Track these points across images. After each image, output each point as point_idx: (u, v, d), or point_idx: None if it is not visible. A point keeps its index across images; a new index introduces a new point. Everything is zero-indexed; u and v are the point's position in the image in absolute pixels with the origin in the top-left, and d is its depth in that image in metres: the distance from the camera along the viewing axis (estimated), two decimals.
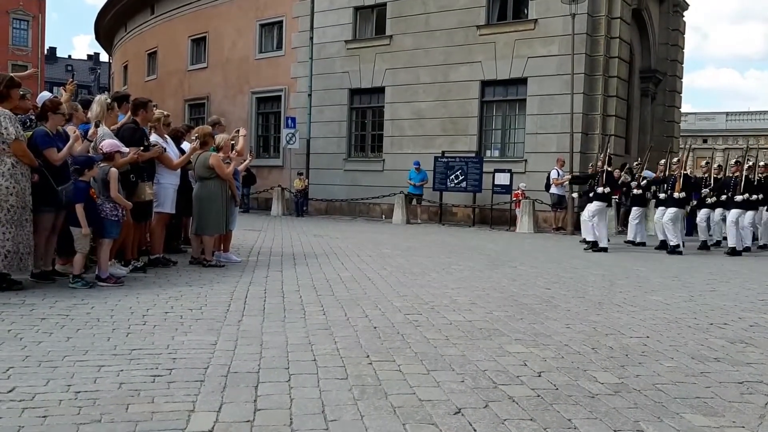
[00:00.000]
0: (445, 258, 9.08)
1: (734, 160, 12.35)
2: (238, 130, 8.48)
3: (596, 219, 10.97)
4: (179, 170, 7.42)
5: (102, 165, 5.80)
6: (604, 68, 16.45)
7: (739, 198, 11.25)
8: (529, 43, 16.92)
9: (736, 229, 11.22)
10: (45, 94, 6.62)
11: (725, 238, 11.90)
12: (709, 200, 11.99)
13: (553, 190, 15.44)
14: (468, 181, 16.78)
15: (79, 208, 5.47)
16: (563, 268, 8.31)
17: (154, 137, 7.18)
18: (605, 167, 11.16)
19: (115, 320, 4.35)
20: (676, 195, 10.98)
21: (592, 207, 11.09)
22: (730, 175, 11.80)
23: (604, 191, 11.01)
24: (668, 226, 10.97)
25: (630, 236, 12.51)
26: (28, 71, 6.55)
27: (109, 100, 6.29)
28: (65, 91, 7.06)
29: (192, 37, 25.12)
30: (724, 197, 11.69)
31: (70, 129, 5.93)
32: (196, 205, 7.43)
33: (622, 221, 15.41)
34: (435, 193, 17.48)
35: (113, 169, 5.79)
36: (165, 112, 7.70)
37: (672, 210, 10.97)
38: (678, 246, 10.85)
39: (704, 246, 12.04)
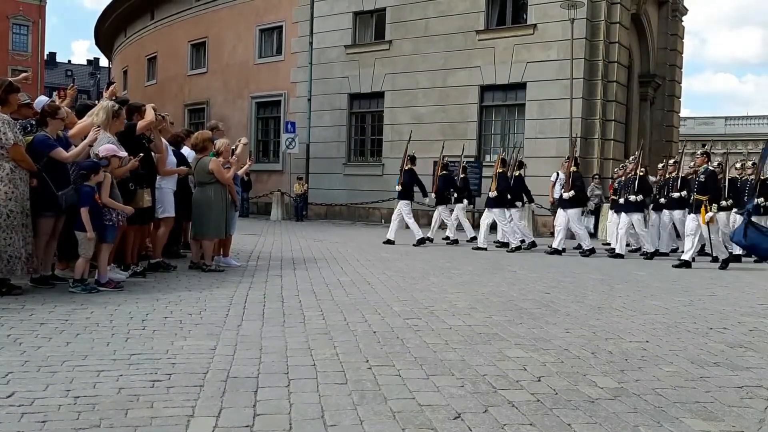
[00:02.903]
0: (445, 262, 9.08)
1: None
2: (240, 140, 8.51)
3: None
4: (176, 175, 7.43)
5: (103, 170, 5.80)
6: (603, 73, 16.49)
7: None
8: (528, 48, 16.97)
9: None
10: (42, 99, 6.61)
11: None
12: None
13: (557, 194, 15.42)
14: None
15: (84, 213, 5.48)
16: (562, 273, 8.31)
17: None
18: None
19: (114, 325, 4.34)
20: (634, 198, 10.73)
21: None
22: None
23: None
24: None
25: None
26: (21, 75, 6.54)
27: (116, 107, 6.29)
28: (59, 96, 7.05)
29: (192, 42, 25.18)
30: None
31: (93, 132, 5.90)
32: (196, 210, 7.44)
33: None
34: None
35: (107, 174, 5.79)
36: (165, 114, 7.70)
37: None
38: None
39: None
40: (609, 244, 12.22)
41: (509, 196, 11.71)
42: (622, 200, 10.92)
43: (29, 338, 3.90)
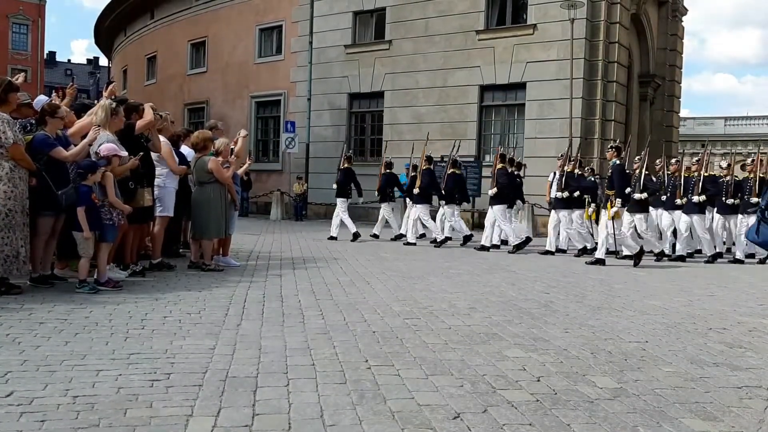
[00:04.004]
0: (444, 262, 9.08)
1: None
2: (240, 132, 8.48)
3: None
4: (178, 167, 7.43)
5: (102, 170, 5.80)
6: (602, 73, 16.49)
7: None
8: (528, 48, 16.96)
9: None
10: (42, 98, 6.61)
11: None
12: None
13: (554, 193, 15.41)
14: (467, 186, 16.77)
15: (81, 212, 5.47)
16: (562, 273, 8.31)
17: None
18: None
19: (113, 324, 4.34)
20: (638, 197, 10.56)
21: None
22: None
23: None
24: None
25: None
26: (16, 77, 6.53)
27: (114, 105, 6.29)
28: (59, 95, 7.04)
29: (191, 41, 25.17)
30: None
31: (93, 131, 5.90)
32: (196, 210, 7.44)
33: None
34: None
35: (109, 173, 5.79)
36: (166, 113, 7.69)
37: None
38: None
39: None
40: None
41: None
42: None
43: (28, 337, 3.90)
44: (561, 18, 15.76)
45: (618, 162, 9.82)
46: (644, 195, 10.34)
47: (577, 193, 10.94)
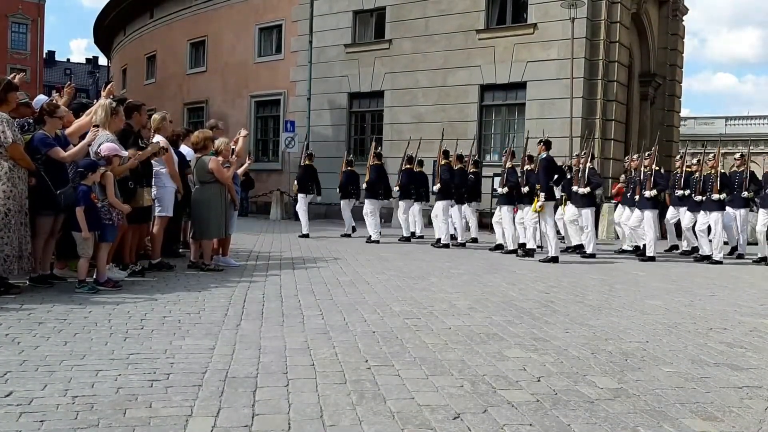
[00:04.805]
0: (444, 262, 9.07)
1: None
2: (240, 132, 8.48)
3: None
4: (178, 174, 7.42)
5: (102, 169, 5.79)
6: (603, 72, 16.48)
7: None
8: (529, 48, 16.95)
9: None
10: (41, 98, 6.60)
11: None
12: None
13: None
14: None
15: (80, 212, 5.47)
16: (562, 272, 8.30)
17: (157, 138, 7.19)
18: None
19: (112, 324, 4.34)
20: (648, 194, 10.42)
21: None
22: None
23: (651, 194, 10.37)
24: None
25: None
26: (17, 76, 6.52)
27: (114, 104, 6.28)
28: (60, 95, 7.04)
29: (191, 40, 25.15)
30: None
31: (92, 131, 5.89)
32: (196, 210, 7.43)
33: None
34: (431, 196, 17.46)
35: (109, 173, 5.78)
36: (165, 113, 7.68)
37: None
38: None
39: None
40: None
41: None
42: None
43: (27, 337, 3.90)
44: (561, 17, 15.75)
45: (546, 156, 9.88)
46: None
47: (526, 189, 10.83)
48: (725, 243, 11.15)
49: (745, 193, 10.53)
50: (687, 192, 10.81)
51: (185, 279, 6.62)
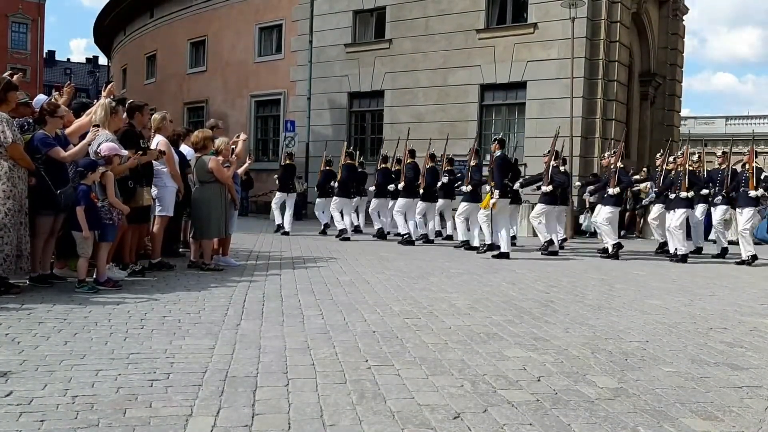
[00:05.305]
0: (444, 262, 9.07)
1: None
2: (239, 135, 8.49)
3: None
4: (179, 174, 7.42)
5: (101, 169, 5.79)
6: (603, 72, 16.47)
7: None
8: (529, 47, 16.94)
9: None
10: (41, 98, 6.60)
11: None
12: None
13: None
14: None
15: (80, 211, 5.47)
16: (562, 272, 8.30)
17: (158, 137, 7.19)
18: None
19: (112, 324, 4.34)
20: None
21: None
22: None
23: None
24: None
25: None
26: (14, 76, 6.52)
27: (113, 104, 6.28)
28: (60, 94, 7.04)
29: (191, 40, 25.15)
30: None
31: (92, 131, 5.89)
32: (196, 210, 7.43)
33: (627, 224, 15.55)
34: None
35: (109, 173, 5.78)
36: (165, 112, 7.68)
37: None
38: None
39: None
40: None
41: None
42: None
43: (27, 337, 3.90)
44: (561, 17, 15.74)
45: (499, 154, 9.97)
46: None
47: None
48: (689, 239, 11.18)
49: (683, 194, 10.27)
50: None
51: (185, 279, 6.62)
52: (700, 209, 11.11)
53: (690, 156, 11.02)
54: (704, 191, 10.87)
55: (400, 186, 11.87)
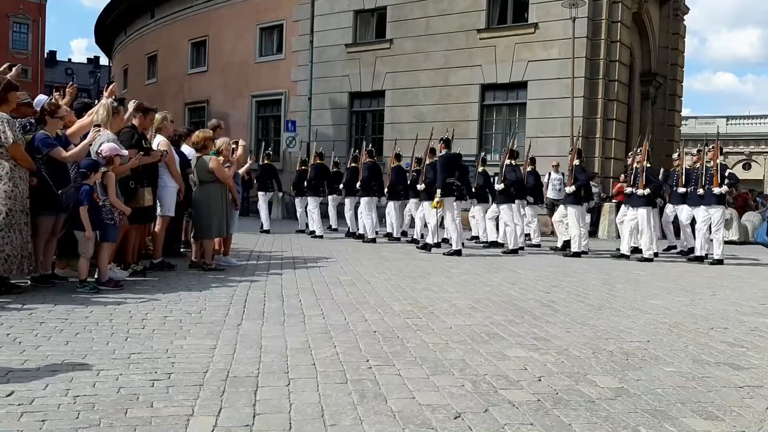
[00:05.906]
0: (445, 262, 9.07)
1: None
2: (237, 141, 8.48)
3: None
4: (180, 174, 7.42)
5: (102, 169, 5.79)
6: (604, 72, 16.48)
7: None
8: (530, 47, 16.96)
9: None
10: (42, 98, 6.60)
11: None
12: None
13: (549, 194, 15.38)
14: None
15: (83, 211, 5.47)
16: (563, 272, 8.30)
17: (159, 138, 7.19)
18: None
19: (114, 324, 4.34)
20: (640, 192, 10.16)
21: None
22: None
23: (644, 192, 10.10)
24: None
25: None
26: (14, 71, 6.51)
27: (115, 104, 6.28)
28: (60, 94, 7.04)
29: (192, 40, 25.17)
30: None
31: (93, 131, 5.91)
32: (197, 209, 7.43)
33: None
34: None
35: (110, 173, 5.78)
36: (166, 112, 7.68)
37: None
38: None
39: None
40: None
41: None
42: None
43: (29, 337, 3.90)
44: (562, 17, 15.75)
45: (444, 154, 10.07)
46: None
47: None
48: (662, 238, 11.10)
49: (640, 191, 10.03)
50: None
51: (186, 279, 6.62)
52: (669, 208, 11.19)
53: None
54: (681, 190, 10.64)
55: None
